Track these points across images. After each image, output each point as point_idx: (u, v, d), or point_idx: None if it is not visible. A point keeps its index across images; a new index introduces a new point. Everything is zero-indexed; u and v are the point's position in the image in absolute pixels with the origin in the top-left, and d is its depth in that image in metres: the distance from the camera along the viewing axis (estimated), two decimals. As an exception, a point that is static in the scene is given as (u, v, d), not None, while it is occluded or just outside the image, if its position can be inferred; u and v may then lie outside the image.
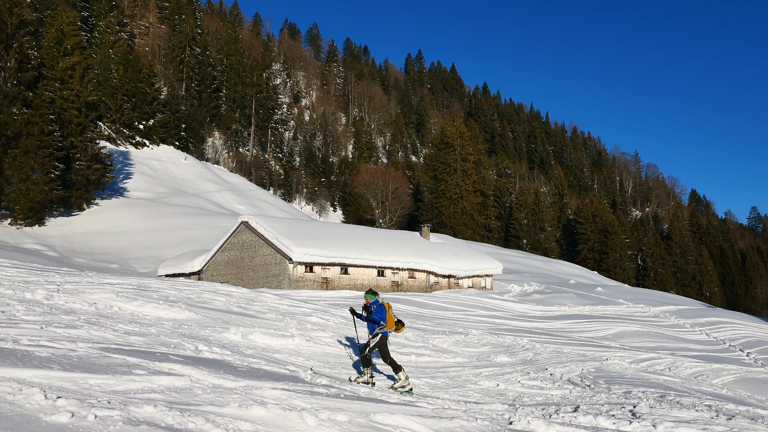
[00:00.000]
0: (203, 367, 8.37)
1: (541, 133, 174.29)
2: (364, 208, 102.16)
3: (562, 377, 13.79)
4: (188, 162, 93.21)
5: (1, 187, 59.41)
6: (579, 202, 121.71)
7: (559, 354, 18.45)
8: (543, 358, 17.17)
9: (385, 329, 11.25)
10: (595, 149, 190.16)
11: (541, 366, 15.53)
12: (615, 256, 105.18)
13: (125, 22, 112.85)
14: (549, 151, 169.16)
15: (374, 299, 11.48)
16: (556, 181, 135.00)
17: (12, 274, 15.41)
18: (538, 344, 20.33)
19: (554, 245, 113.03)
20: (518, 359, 16.75)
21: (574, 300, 42.71)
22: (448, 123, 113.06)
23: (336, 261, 40.96)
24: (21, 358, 6.79)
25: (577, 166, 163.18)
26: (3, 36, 61.00)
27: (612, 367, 16.50)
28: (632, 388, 12.58)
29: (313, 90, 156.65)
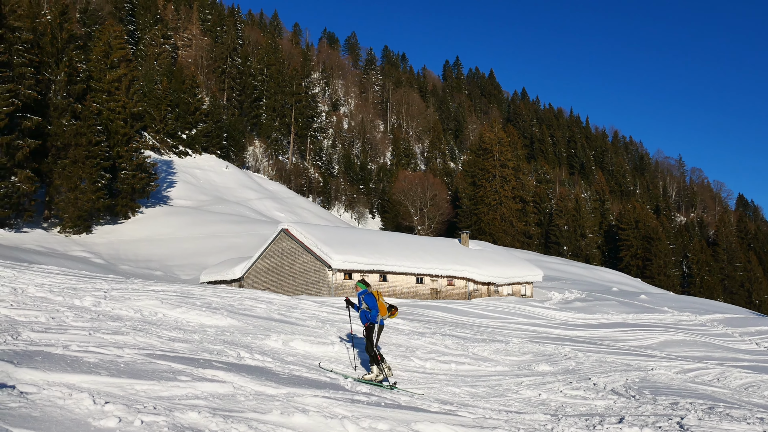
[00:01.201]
0: (245, 373, 8.48)
1: (581, 138, 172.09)
2: (402, 215, 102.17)
3: (605, 387, 13.57)
4: (229, 170, 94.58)
5: (51, 196, 61.14)
6: (621, 208, 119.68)
7: (602, 363, 18.15)
8: (586, 368, 16.92)
9: (378, 318, 11.28)
10: (637, 154, 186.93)
11: (584, 375, 15.31)
12: (659, 263, 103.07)
13: (169, 35, 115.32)
14: (589, 156, 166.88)
15: (363, 289, 11.53)
16: (597, 186, 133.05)
17: (61, 281, 15.83)
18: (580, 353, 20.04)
19: (596, 252, 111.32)
20: (560, 368, 16.53)
21: (616, 308, 41.97)
22: (486, 129, 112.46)
23: (375, 268, 41.03)
24: (71, 363, 6.98)
25: (618, 171, 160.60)
26: (54, 50, 62.89)
27: (657, 377, 16.17)
28: (679, 399, 12.30)
29: (352, 98, 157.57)
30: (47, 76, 61.87)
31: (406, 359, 14.49)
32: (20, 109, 56.64)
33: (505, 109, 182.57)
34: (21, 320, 9.52)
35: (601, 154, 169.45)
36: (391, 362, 13.92)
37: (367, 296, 11.38)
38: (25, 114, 57.46)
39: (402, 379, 12.11)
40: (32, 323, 9.39)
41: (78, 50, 67.40)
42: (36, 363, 6.64)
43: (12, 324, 8.98)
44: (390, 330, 19.08)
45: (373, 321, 11.27)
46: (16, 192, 54.97)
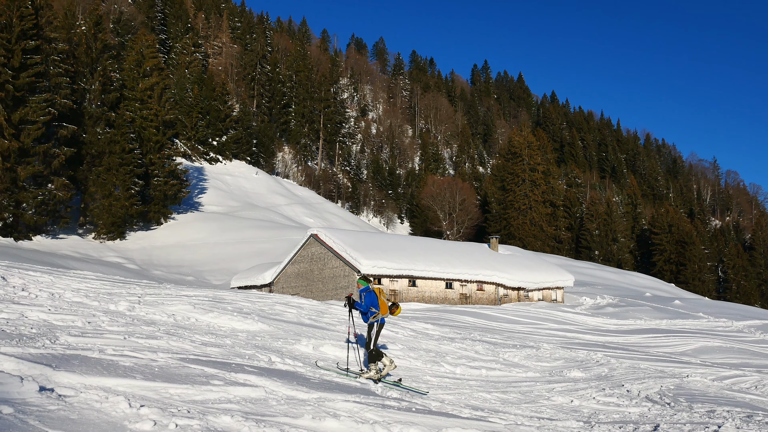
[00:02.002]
0: (277, 378, 8.54)
1: (612, 141, 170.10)
2: (431, 219, 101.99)
3: (639, 394, 13.38)
4: (259, 176, 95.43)
5: (86, 203, 62.32)
6: (654, 212, 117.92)
7: (636, 370, 17.90)
8: (619, 374, 16.70)
9: (379, 316, 11.19)
10: (670, 156, 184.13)
11: (617, 382, 15.11)
12: (693, 267, 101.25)
13: (200, 43, 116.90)
14: (621, 159, 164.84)
15: (365, 286, 11.39)
16: (629, 190, 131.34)
17: (97, 286, 16.12)
18: (613, 359, 19.79)
19: (628, 257, 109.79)
20: (592, 375, 16.34)
21: (650, 313, 41.36)
22: (515, 133, 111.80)
23: (404, 273, 41.01)
24: (107, 367, 7.10)
25: (650, 174, 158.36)
26: (88, 60, 64.17)
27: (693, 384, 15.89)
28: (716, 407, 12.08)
29: (380, 103, 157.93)
30: (82, 85, 63.12)
31: (436, 364, 14.46)
32: (56, 118, 57.88)
33: (535, 113, 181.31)
34: (58, 324, 9.72)
35: (633, 158, 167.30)
36: (420, 367, 13.91)
37: (368, 294, 11.26)
38: (61, 123, 58.68)
39: (432, 385, 12.09)
40: (69, 327, 9.58)
41: (112, 60, 68.69)
42: (73, 366, 6.78)
43: (50, 328, 9.17)
44: (420, 335, 19.07)
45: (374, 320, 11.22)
46: (52, 199, 56.12)
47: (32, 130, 55.26)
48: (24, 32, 56.16)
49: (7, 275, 14.63)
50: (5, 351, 6.78)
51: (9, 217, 54.75)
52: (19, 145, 54.13)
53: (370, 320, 11.18)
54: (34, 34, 57.17)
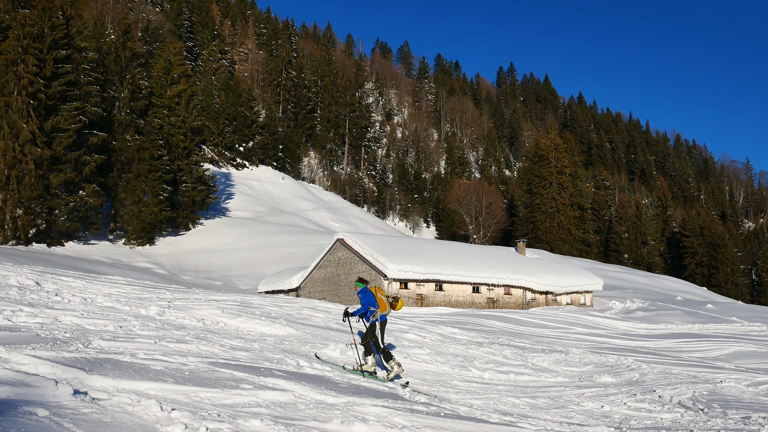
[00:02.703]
0: (305, 382, 8.58)
1: (641, 143, 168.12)
2: (457, 223, 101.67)
3: (671, 400, 13.17)
4: (285, 181, 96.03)
5: (116, 209, 63.25)
6: (684, 214, 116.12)
7: (668, 375, 17.63)
8: (650, 379, 16.46)
9: (378, 314, 11.22)
10: (701, 158, 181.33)
11: (649, 387, 14.89)
12: (726, 270, 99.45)
13: (226, 50, 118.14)
14: (650, 161, 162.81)
15: (362, 287, 11.43)
16: (659, 192, 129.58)
17: (128, 291, 16.34)
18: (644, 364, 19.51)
19: (658, 260, 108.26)
20: (623, 380, 16.13)
21: (681, 318, 40.71)
22: (542, 135, 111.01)
23: (430, 277, 40.93)
24: (138, 371, 7.20)
25: (681, 176, 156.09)
26: (117, 68, 65.20)
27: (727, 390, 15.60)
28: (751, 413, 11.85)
29: (405, 107, 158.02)
30: (112, 93, 64.13)
31: (464, 369, 14.40)
32: (87, 126, 58.87)
33: (561, 115, 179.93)
34: (91, 329, 9.87)
35: (663, 159, 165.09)
36: (448, 372, 13.86)
37: (364, 294, 11.31)
38: (92, 130, 59.68)
39: (460, 390, 12.03)
40: (101, 332, 9.73)
41: (140, 68, 69.71)
42: (106, 370, 6.88)
43: (83, 333, 9.32)
44: (447, 339, 19.00)
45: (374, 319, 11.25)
46: (83, 206, 57.06)
47: (64, 138, 56.27)
48: (55, 42, 57.25)
49: (41, 281, 14.91)
50: (40, 355, 6.90)
51: (42, 223, 55.78)
52: (51, 152, 55.15)
53: (371, 320, 11.23)
54: (65, 44, 58.25)
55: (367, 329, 11.32)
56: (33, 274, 16.31)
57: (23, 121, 53.67)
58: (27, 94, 54.10)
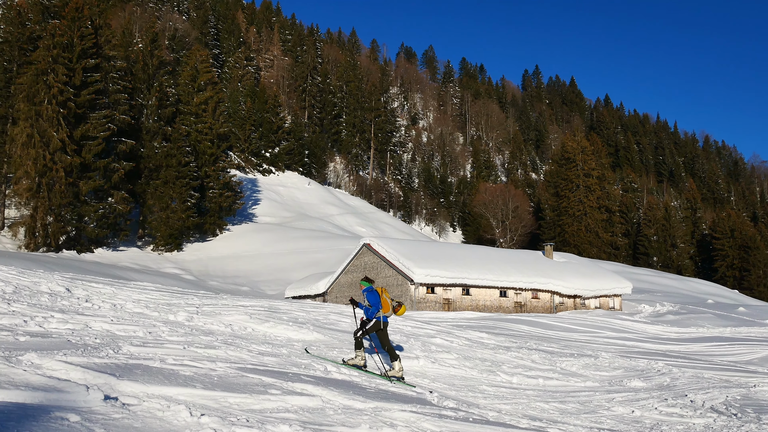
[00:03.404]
0: (333, 387, 8.56)
1: (669, 144, 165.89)
2: (483, 227, 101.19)
3: (704, 404, 12.92)
4: (312, 187, 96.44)
5: (144, 215, 64.05)
6: (714, 216, 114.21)
7: (699, 379, 17.31)
8: (681, 384, 16.18)
9: (380, 314, 11.22)
10: (731, 159, 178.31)
11: (680, 392, 14.64)
12: (758, 273, 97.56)
13: (252, 57, 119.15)
14: (678, 162, 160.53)
15: (368, 286, 11.46)
16: (688, 194, 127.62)
17: (156, 297, 16.50)
18: (675, 368, 19.19)
19: (688, 263, 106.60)
20: (654, 384, 15.88)
21: (713, 321, 40.02)
22: (568, 138, 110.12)
23: (457, 282, 40.76)
24: (168, 376, 7.24)
25: (710, 177, 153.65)
26: (145, 76, 66.12)
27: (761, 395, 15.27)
28: (786, 417, 11.56)
29: (430, 111, 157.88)
30: (139, 101, 65.04)
31: (492, 374, 14.28)
32: (115, 133, 59.76)
33: (588, 117, 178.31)
34: (121, 335, 9.97)
35: (692, 161, 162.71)
36: (476, 376, 13.75)
37: (370, 293, 11.33)
38: (120, 138, 60.57)
39: (489, 395, 11.93)
40: (131, 338, 9.82)
41: (167, 75, 70.65)
42: (136, 376, 6.93)
43: (113, 338, 9.42)
44: (475, 344, 18.89)
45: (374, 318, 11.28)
46: (112, 212, 57.88)
47: (93, 145, 57.17)
48: (84, 51, 58.24)
49: (72, 287, 15.12)
50: (71, 360, 6.98)
51: (72, 230, 56.68)
52: (80, 160, 56.05)
53: (373, 317, 11.31)
54: (93, 53, 59.23)
55: (363, 324, 11.39)
56: (63, 280, 16.55)
57: (53, 130, 54.63)
58: (57, 102, 55.08)
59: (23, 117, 54.39)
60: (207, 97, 71.10)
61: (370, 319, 11.34)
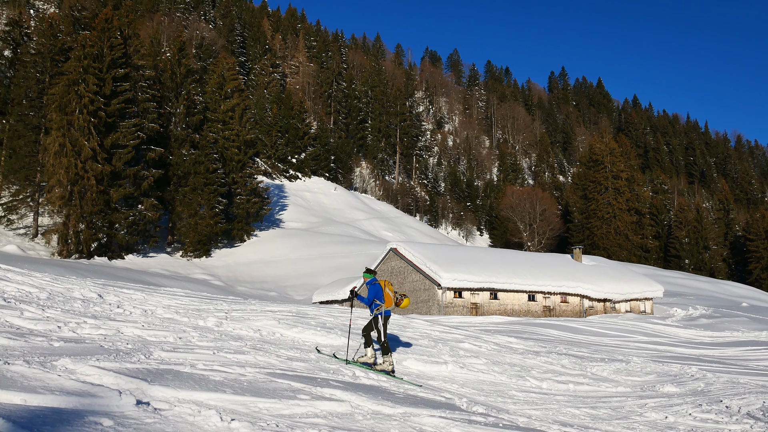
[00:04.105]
0: (362, 392, 8.56)
1: (700, 145, 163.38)
2: (511, 231, 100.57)
3: (740, 410, 12.66)
4: (338, 192, 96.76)
5: (173, 222, 64.81)
6: (748, 217, 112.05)
7: (735, 384, 16.98)
8: (716, 389, 15.88)
9: (383, 308, 11.20)
10: (764, 158, 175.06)
11: (715, 398, 14.37)
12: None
13: (278, 64, 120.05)
14: (710, 163, 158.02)
15: (371, 278, 11.42)
16: (720, 195, 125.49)
17: (186, 302, 16.67)
18: (709, 373, 18.84)
19: (721, 265, 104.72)
20: (687, 389, 15.61)
21: (748, 325, 39.23)
22: (596, 140, 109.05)
23: (485, 286, 40.53)
24: (198, 381, 7.30)
25: (743, 177, 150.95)
26: (173, 85, 67.01)
27: (799, 400, 14.91)
28: (825, 423, 11.28)
29: (456, 115, 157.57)
30: (168, 109, 65.91)
31: (521, 379, 14.17)
32: (145, 141, 60.61)
33: (616, 119, 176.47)
34: (152, 340, 10.08)
35: (724, 161, 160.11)
36: (506, 381, 13.65)
37: (373, 286, 11.31)
38: (149, 146, 61.41)
39: (518, 400, 11.83)
40: (162, 343, 9.92)
41: (195, 83, 71.49)
42: (167, 381, 7.00)
43: (144, 344, 9.52)
44: (503, 349, 18.75)
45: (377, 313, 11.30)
46: (142, 219, 58.67)
47: (123, 153, 58.03)
48: (114, 61, 59.19)
49: (104, 293, 15.34)
50: (104, 366, 7.07)
51: (103, 237, 57.55)
52: (111, 168, 56.92)
53: (374, 312, 11.29)
54: (123, 63, 60.18)
55: (369, 321, 11.41)
56: (95, 286, 16.80)
57: (84, 139, 55.58)
58: (88, 112, 56.03)
59: (55, 126, 55.42)
60: (234, 105, 71.78)
61: (372, 312, 11.37)
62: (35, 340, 8.33)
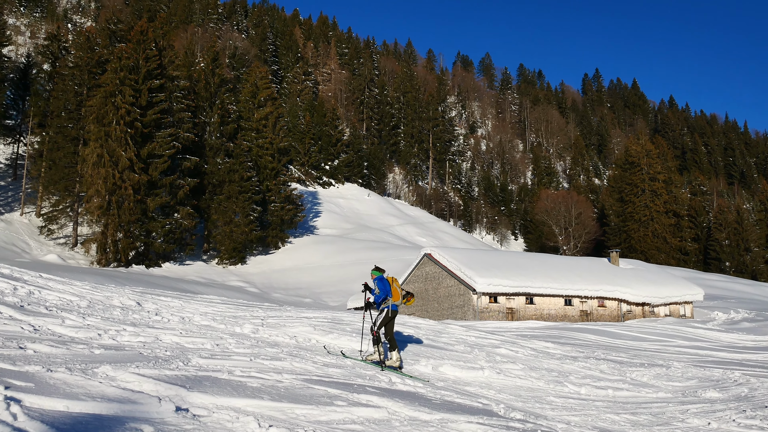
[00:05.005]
0: (398, 399, 8.52)
1: (739, 145, 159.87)
2: (546, 235, 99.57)
3: (786, 416, 12.29)
4: (371, 198, 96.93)
5: (209, 230, 65.61)
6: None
7: (780, 389, 16.50)
8: (761, 394, 15.46)
9: (390, 302, 11.49)
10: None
11: (760, 403, 13.99)
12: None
13: (310, 71, 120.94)
14: (750, 163, 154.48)
15: (379, 275, 11.73)
16: (761, 195, 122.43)
17: (222, 310, 16.83)
18: (753, 378, 18.37)
19: (763, 267, 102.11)
20: (730, 395, 15.23)
21: (792, 328, 38.17)
22: (632, 141, 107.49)
23: (520, 291, 40.17)
24: (236, 387, 7.34)
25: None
26: (207, 95, 67.97)
27: None
28: None
29: (489, 119, 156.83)
30: (202, 119, 66.84)
31: (559, 384, 13.98)
32: (180, 151, 61.54)
33: (652, 120, 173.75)
34: (190, 347, 10.19)
35: (764, 161, 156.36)
36: (543, 387, 13.48)
37: (381, 282, 11.62)
38: (185, 155, 62.32)
39: (556, 406, 11.67)
40: (199, 350, 10.02)
41: (228, 93, 72.41)
42: (205, 387, 7.05)
43: (182, 351, 9.63)
44: (540, 354, 18.55)
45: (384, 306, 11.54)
46: (178, 228, 59.50)
47: (159, 163, 58.98)
48: (149, 72, 60.27)
49: (142, 301, 15.57)
50: (144, 372, 7.16)
51: (140, 246, 58.50)
52: (147, 178, 57.89)
53: (381, 306, 11.56)
54: (158, 74, 61.24)
55: (377, 317, 11.63)
56: (134, 294, 17.06)
57: (122, 149, 56.64)
58: (125, 123, 57.11)
59: (93, 138, 56.58)
60: (267, 113, 72.49)
61: (379, 306, 11.64)
62: (77, 347, 8.48)
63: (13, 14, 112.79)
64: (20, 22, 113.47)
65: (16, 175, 68.69)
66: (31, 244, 57.32)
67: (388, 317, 11.60)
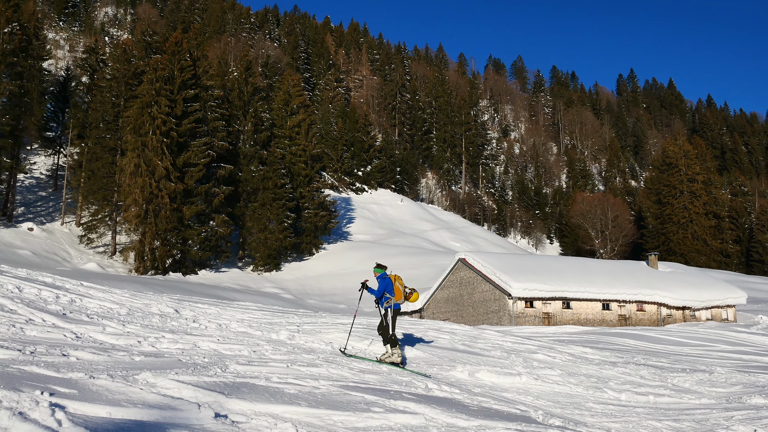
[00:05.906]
0: (435, 405, 8.47)
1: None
2: (582, 238, 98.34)
3: (836, 423, 11.91)
4: (404, 203, 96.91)
5: (243, 237, 66.29)
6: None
7: (830, 395, 16.00)
8: (809, 400, 15.00)
9: (392, 301, 11.45)
10: None
11: (808, 409, 13.57)
12: None
13: (342, 78, 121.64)
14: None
15: (381, 272, 11.70)
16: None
17: (258, 316, 16.96)
18: (800, 383, 17.84)
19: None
20: (777, 401, 14.81)
21: (840, 331, 37.04)
22: (669, 142, 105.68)
23: (556, 295, 39.69)
24: (273, 394, 7.38)
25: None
26: (241, 103, 68.79)
27: None
28: None
29: (522, 122, 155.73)
30: (236, 127, 67.64)
31: (598, 390, 13.76)
32: (215, 159, 62.35)
33: (689, 120, 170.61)
34: (227, 354, 10.27)
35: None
36: (582, 393, 13.29)
37: (383, 280, 11.58)
38: (219, 163, 63.12)
39: (596, 412, 11.48)
40: (237, 356, 10.10)
41: (261, 101, 73.19)
42: (243, 394, 7.10)
43: (220, 357, 9.71)
44: (578, 359, 18.29)
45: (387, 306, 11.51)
46: (214, 235, 60.23)
47: (194, 172, 59.82)
48: (184, 83, 61.24)
49: (180, 308, 15.77)
50: (183, 379, 7.23)
51: (177, 253, 59.35)
52: (183, 186, 58.76)
53: (384, 305, 11.52)
54: (192, 84, 62.20)
55: (382, 317, 11.63)
56: (172, 302, 17.29)
57: (158, 159, 57.60)
58: (161, 132, 58.10)
59: (131, 148, 57.67)
60: (300, 120, 73.05)
61: (383, 306, 11.63)
62: (117, 354, 8.61)
63: (52, 29, 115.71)
64: (59, 37, 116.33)
65: (56, 186, 70.32)
66: (71, 253, 58.57)
67: (389, 316, 11.63)
